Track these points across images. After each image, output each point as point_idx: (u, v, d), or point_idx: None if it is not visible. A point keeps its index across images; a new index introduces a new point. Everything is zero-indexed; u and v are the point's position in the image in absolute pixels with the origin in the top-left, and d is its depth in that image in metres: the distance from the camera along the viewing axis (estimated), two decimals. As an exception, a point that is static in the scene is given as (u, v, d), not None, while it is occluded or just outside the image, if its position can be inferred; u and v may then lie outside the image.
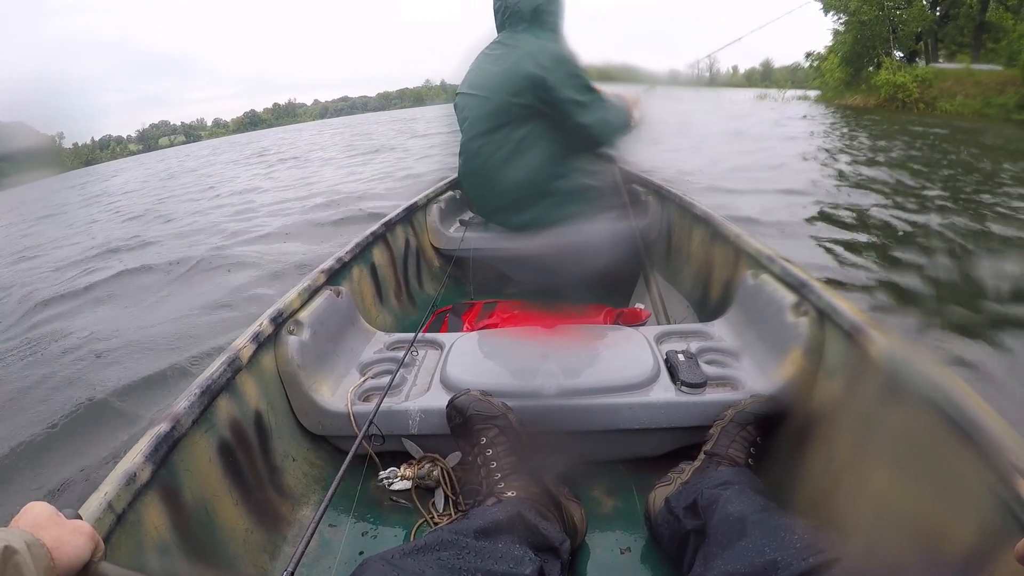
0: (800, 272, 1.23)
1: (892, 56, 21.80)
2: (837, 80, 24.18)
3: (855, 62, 23.28)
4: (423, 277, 2.16)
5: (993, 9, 20.43)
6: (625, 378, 1.13)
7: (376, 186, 7.82)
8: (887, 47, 22.11)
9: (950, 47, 22.55)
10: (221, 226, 6.27)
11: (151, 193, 12.74)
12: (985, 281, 3.02)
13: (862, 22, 22.15)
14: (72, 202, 14.40)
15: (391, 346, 1.41)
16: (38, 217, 11.51)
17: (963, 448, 0.67)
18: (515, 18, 1.92)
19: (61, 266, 5.46)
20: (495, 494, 0.91)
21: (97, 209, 11.31)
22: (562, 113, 1.84)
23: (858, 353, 0.95)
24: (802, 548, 0.66)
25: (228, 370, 1.01)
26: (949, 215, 4.34)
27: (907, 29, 22.09)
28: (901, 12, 21.96)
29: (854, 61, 23.28)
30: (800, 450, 0.98)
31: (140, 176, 21.20)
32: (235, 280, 3.91)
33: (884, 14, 21.83)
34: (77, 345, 3.06)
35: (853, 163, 7.31)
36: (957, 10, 21.54)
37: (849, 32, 23.22)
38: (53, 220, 10.63)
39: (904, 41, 22.58)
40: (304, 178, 10.58)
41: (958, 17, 21.78)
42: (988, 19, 20.47)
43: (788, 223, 4.30)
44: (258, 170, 13.88)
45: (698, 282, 1.79)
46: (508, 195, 1.97)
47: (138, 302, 3.82)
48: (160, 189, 13.32)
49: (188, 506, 0.83)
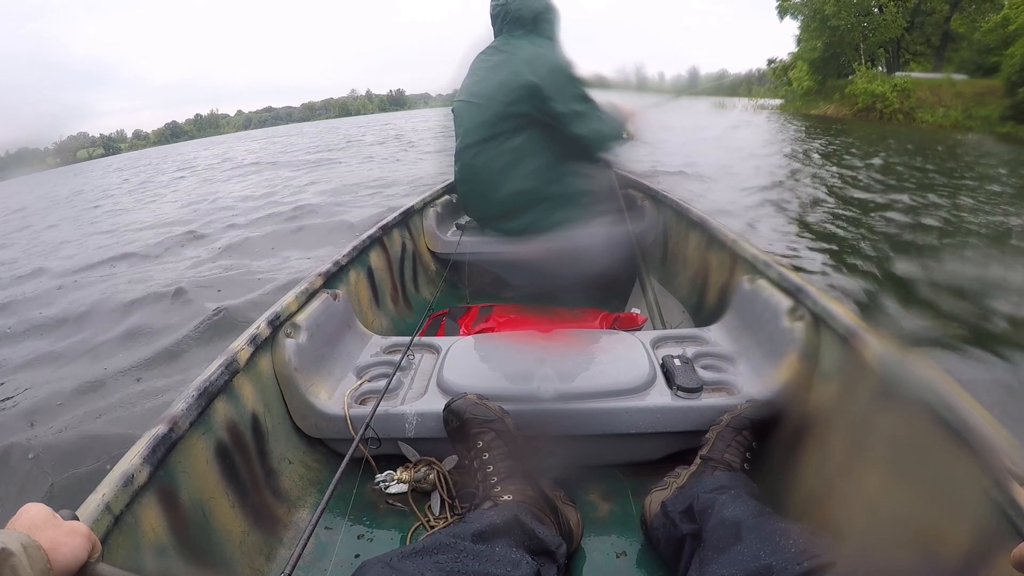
0: (796, 277, 1.24)
1: (862, 64, 21.67)
2: (805, 88, 23.86)
3: (823, 69, 23.09)
4: (419, 281, 2.16)
5: (956, 19, 20.60)
6: (621, 383, 1.14)
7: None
8: (857, 55, 22.04)
9: (903, 55, 22.72)
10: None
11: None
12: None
13: (833, 28, 21.99)
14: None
15: (388, 349, 1.41)
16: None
17: (958, 452, 0.68)
18: (514, 24, 1.93)
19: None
20: (491, 498, 0.91)
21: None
22: (557, 122, 1.85)
23: (853, 357, 0.95)
24: (797, 552, 0.67)
25: (225, 372, 1.01)
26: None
27: (878, 36, 22.06)
28: (875, 18, 21.88)
29: (822, 68, 23.08)
30: (796, 454, 0.99)
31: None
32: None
33: (857, 20, 21.73)
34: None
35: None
36: (923, 19, 21.67)
37: (819, 38, 23.01)
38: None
39: (872, 49, 22.57)
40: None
41: (924, 26, 21.94)
42: (952, 28, 20.66)
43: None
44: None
45: (694, 287, 1.79)
46: (505, 202, 1.97)
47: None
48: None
49: (185, 508, 0.83)
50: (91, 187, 18.24)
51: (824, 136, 13.09)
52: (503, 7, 1.94)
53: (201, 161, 21.50)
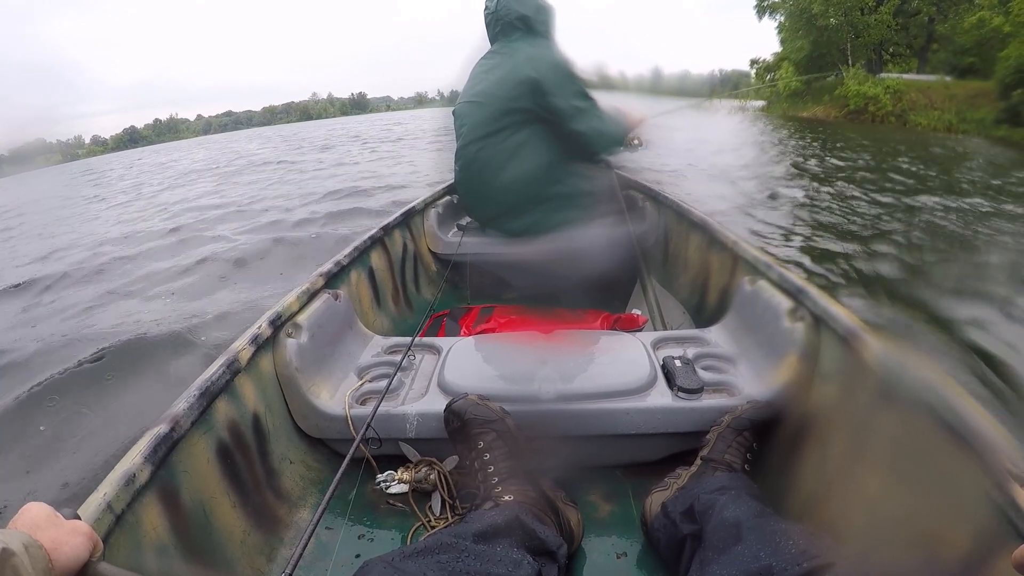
0: (797, 279, 1.24)
1: (850, 65, 21.36)
2: (791, 90, 23.43)
3: (810, 70, 22.69)
4: (420, 281, 2.16)
5: (940, 21, 20.58)
6: (622, 383, 1.14)
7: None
8: (844, 56, 21.78)
9: (880, 56, 22.61)
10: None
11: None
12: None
13: (821, 27, 21.70)
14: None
15: (388, 350, 1.41)
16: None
17: (959, 453, 0.68)
18: (509, 28, 1.95)
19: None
20: (492, 498, 0.91)
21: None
22: (557, 118, 1.85)
23: (853, 358, 0.96)
24: (797, 553, 0.67)
25: (227, 372, 1.01)
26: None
27: (868, 38, 21.84)
28: (865, 18, 21.60)
29: (810, 70, 22.70)
30: (796, 455, 0.99)
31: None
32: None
33: (846, 20, 21.46)
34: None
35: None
36: (907, 20, 21.57)
37: (805, 38, 22.74)
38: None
39: (860, 50, 22.32)
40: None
41: (909, 27, 21.85)
42: (936, 29, 20.62)
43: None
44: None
45: (695, 288, 1.80)
46: (505, 200, 1.98)
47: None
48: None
49: (186, 507, 0.83)
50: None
51: (834, 143, 11.52)
52: (493, 14, 1.96)
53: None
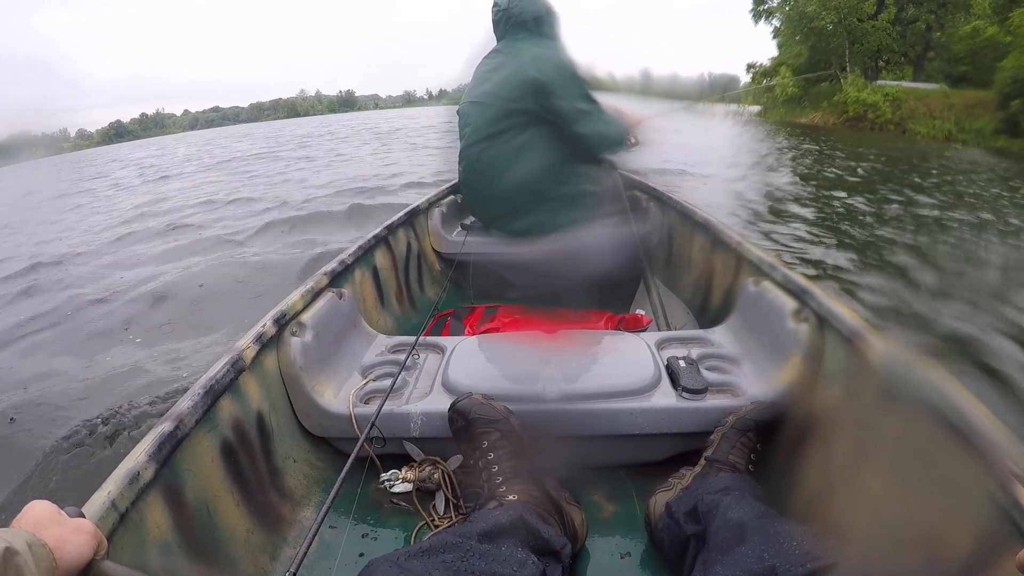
0: (801, 279, 1.23)
1: (848, 71, 21.16)
2: (789, 95, 23.10)
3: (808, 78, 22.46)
4: (424, 281, 2.16)
5: (936, 29, 20.53)
6: (626, 383, 1.14)
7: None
8: (843, 62, 21.54)
9: (876, 63, 22.52)
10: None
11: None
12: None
13: (820, 32, 21.49)
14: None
15: (392, 349, 1.42)
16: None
17: (962, 454, 0.68)
18: (516, 27, 1.96)
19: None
20: (496, 497, 0.91)
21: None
22: (560, 120, 1.85)
23: (858, 359, 0.95)
24: (801, 554, 0.66)
25: (231, 370, 1.02)
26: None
27: (866, 44, 21.67)
28: (863, 25, 21.42)
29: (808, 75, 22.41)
30: (800, 456, 0.98)
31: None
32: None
33: (844, 25, 21.29)
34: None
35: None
36: (904, 28, 21.50)
37: (804, 43, 22.54)
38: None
39: (859, 57, 22.12)
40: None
41: (907, 35, 21.76)
42: (933, 37, 20.55)
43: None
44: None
45: (698, 288, 1.79)
46: (509, 200, 1.98)
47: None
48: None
49: (190, 506, 0.84)
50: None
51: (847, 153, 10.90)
52: (504, 12, 1.96)
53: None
